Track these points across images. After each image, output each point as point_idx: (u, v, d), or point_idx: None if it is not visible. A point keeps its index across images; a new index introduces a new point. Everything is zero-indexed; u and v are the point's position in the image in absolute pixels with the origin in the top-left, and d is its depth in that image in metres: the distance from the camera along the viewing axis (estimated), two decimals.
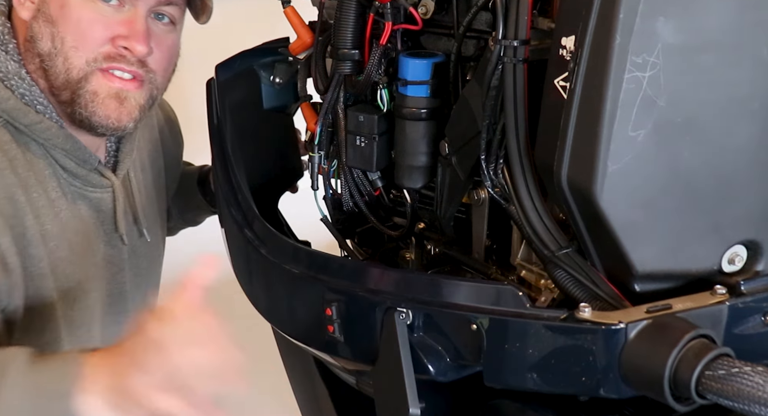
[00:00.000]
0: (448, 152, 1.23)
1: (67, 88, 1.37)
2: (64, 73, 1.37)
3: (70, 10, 1.36)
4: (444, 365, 1.11)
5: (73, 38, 1.36)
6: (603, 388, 0.98)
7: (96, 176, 1.46)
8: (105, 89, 1.38)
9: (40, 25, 1.37)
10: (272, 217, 1.55)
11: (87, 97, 1.38)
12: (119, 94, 1.39)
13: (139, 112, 1.42)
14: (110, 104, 1.39)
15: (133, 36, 1.37)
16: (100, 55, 1.37)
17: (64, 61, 1.36)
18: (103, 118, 1.39)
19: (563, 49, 1.01)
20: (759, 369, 0.88)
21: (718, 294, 1.03)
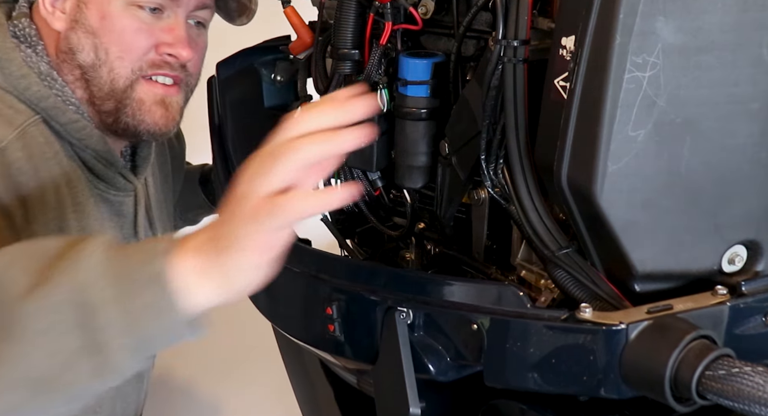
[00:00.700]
0: (448, 152, 1.23)
1: (112, 97, 1.38)
2: (109, 84, 1.37)
3: (111, 20, 1.36)
4: (444, 365, 1.11)
5: (118, 48, 1.36)
6: (603, 389, 0.98)
7: (120, 179, 1.47)
8: (150, 96, 1.39)
9: (80, 36, 1.37)
10: None
11: (134, 106, 1.39)
12: (164, 100, 1.40)
13: (180, 115, 1.44)
14: (157, 111, 1.40)
15: (177, 42, 1.38)
16: (145, 64, 1.38)
17: (110, 72, 1.37)
18: (152, 124, 1.40)
19: (563, 49, 1.01)
20: (759, 369, 0.88)
21: (719, 295, 1.03)
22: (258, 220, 0.86)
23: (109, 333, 0.85)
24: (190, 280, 0.88)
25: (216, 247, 0.88)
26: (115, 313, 0.85)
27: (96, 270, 0.86)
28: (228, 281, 0.88)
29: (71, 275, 0.86)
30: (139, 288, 0.86)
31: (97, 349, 0.85)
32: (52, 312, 0.85)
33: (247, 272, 0.88)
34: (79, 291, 0.85)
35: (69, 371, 0.85)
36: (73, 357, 0.85)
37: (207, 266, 0.88)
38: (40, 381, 0.85)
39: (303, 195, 0.86)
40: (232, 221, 0.88)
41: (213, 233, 0.89)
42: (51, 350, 0.85)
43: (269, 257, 0.89)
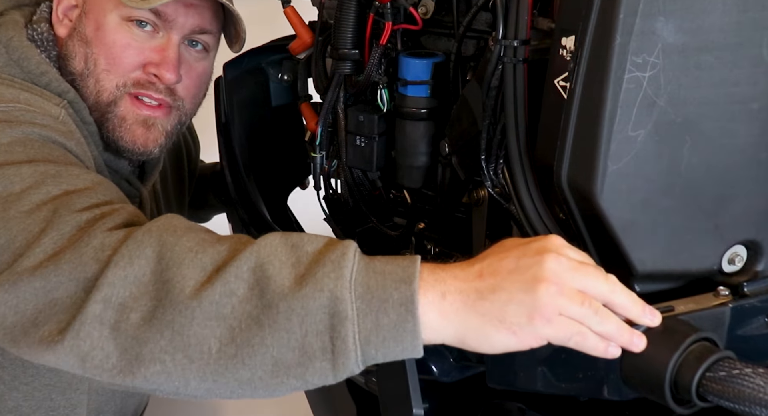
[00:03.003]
0: (448, 152, 1.23)
1: (96, 109, 1.38)
2: (94, 95, 1.37)
3: (105, 32, 1.36)
4: (447, 365, 1.12)
5: (106, 61, 1.36)
6: (605, 390, 0.98)
7: (125, 185, 1.47)
8: (132, 115, 1.38)
9: (75, 44, 1.38)
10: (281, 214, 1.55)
11: (115, 121, 1.38)
12: (147, 120, 1.40)
13: (165, 138, 1.43)
14: (137, 130, 1.39)
15: (164, 64, 1.37)
16: (129, 80, 1.37)
17: (96, 83, 1.37)
18: (130, 143, 1.40)
19: (563, 49, 1.01)
20: (760, 370, 0.88)
21: (721, 296, 1.02)
22: (550, 325, 0.88)
23: (349, 343, 0.90)
24: (436, 320, 0.90)
25: (478, 310, 0.90)
26: (359, 328, 0.90)
27: (350, 281, 0.91)
28: (468, 340, 0.91)
29: (329, 283, 0.91)
30: (385, 309, 0.90)
31: (334, 355, 0.90)
32: (308, 314, 0.90)
33: (493, 345, 0.90)
34: (334, 301, 0.90)
35: (304, 365, 0.91)
36: (312, 356, 0.90)
37: (458, 318, 0.90)
38: (279, 366, 0.91)
39: (605, 343, 0.90)
40: (512, 295, 0.89)
41: (482, 287, 0.90)
42: (296, 343, 0.90)
43: (522, 347, 0.90)
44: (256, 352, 0.91)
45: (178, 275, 0.93)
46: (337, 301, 0.90)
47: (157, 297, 0.93)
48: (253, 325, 0.91)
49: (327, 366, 0.91)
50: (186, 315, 0.91)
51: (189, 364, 0.92)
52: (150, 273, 0.94)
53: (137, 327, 0.93)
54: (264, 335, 0.90)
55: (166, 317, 0.92)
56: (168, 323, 0.92)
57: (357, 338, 0.90)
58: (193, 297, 0.92)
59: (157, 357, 0.92)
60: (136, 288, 0.94)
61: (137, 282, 0.94)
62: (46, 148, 1.18)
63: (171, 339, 0.92)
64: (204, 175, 1.90)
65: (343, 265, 0.92)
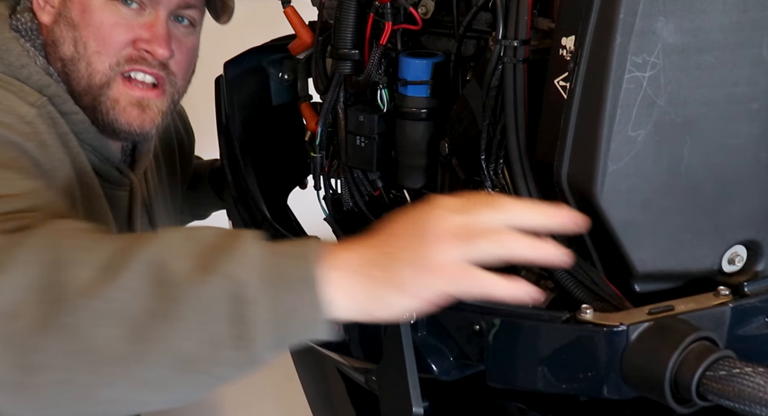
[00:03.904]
0: (448, 152, 1.23)
1: (88, 93, 1.38)
2: (86, 78, 1.37)
3: (91, 14, 1.36)
4: (447, 364, 1.11)
5: (96, 43, 1.36)
6: (604, 389, 0.98)
7: (116, 173, 1.47)
8: (126, 97, 1.38)
9: (62, 29, 1.38)
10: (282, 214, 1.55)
11: (108, 104, 1.38)
12: (140, 102, 1.39)
13: (161, 118, 1.43)
14: (132, 112, 1.39)
15: (155, 39, 1.37)
16: (122, 59, 1.37)
17: (87, 66, 1.37)
18: (125, 125, 1.39)
19: (563, 49, 1.01)
20: (760, 369, 0.88)
21: (722, 296, 1.02)
22: (436, 276, 0.88)
23: (255, 327, 0.87)
24: (337, 294, 0.89)
25: (373, 277, 0.90)
26: (266, 311, 0.88)
27: (252, 267, 0.89)
28: (370, 309, 0.90)
29: (230, 267, 0.88)
30: (291, 290, 0.88)
31: (241, 341, 0.87)
32: (210, 302, 0.87)
33: (392, 309, 0.90)
34: (237, 285, 0.87)
35: (213, 357, 0.88)
36: (220, 345, 0.87)
37: (358, 290, 0.89)
38: (186, 361, 0.87)
39: (497, 278, 0.88)
40: (401, 258, 0.89)
41: (374, 258, 0.90)
42: (203, 336, 0.87)
43: (420, 305, 0.90)
44: (158, 348, 0.86)
45: (69, 275, 0.89)
46: (240, 285, 0.87)
47: (48, 301, 0.87)
48: (154, 319, 0.86)
49: (235, 355, 0.87)
50: (80, 316, 0.86)
51: (87, 369, 0.87)
52: (37, 277, 0.89)
53: (26, 334, 0.86)
54: (166, 328, 0.86)
55: (59, 320, 0.86)
56: (61, 326, 0.86)
57: (262, 320, 0.87)
58: (87, 296, 0.87)
59: (51, 363, 0.86)
60: (22, 294, 0.88)
61: (22, 287, 0.88)
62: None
63: (65, 343, 0.86)
64: (202, 172, 1.90)
65: (242, 250, 0.89)
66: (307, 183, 1.70)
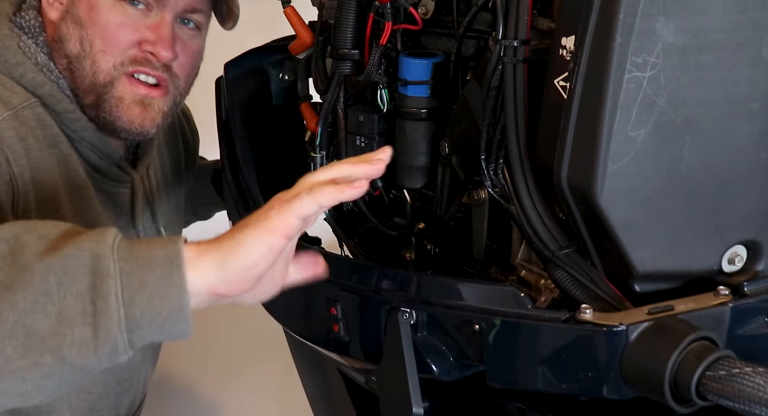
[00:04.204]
0: (448, 152, 1.23)
1: (92, 91, 1.39)
2: (91, 76, 1.38)
3: (98, 12, 1.37)
4: (447, 364, 1.12)
5: (101, 42, 1.37)
6: (604, 389, 0.98)
7: (116, 171, 1.48)
8: (130, 95, 1.39)
9: (69, 26, 1.38)
10: None
11: (112, 102, 1.39)
12: (143, 100, 1.40)
13: (162, 118, 1.44)
14: (134, 110, 1.40)
15: (160, 41, 1.38)
16: (126, 59, 1.38)
17: (92, 65, 1.37)
18: (127, 123, 1.40)
19: (563, 49, 1.01)
20: (760, 369, 0.88)
21: (721, 296, 1.02)
22: (267, 217, 0.93)
23: (111, 302, 0.86)
24: (195, 272, 0.91)
25: (221, 241, 0.94)
26: (123, 286, 0.87)
27: (112, 245, 0.89)
28: (226, 271, 0.92)
29: (89, 245, 0.89)
30: (150, 265, 0.89)
31: (95, 317, 0.86)
32: (64, 274, 0.86)
33: (244, 264, 0.93)
34: (96, 259, 0.87)
35: (62, 334, 0.86)
36: (71, 321, 0.86)
37: (211, 257, 0.92)
38: (32, 338, 0.85)
39: (318, 187, 0.94)
40: (241, 223, 0.95)
41: (225, 234, 0.96)
42: (53, 308, 0.86)
43: (268, 258, 0.93)
44: (5, 320, 0.84)
45: None
46: (99, 259, 0.86)
47: None
48: (4, 292, 0.85)
49: (87, 333, 0.85)
50: None
51: None
52: None
53: None
54: (16, 300, 0.84)
55: None
56: None
57: (120, 297, 0.86)
58: None
59: None
60: None
61: None
62: None
63: None
64: (205, 172, 1.91)
65: (106, 232, 0.91)
66: None
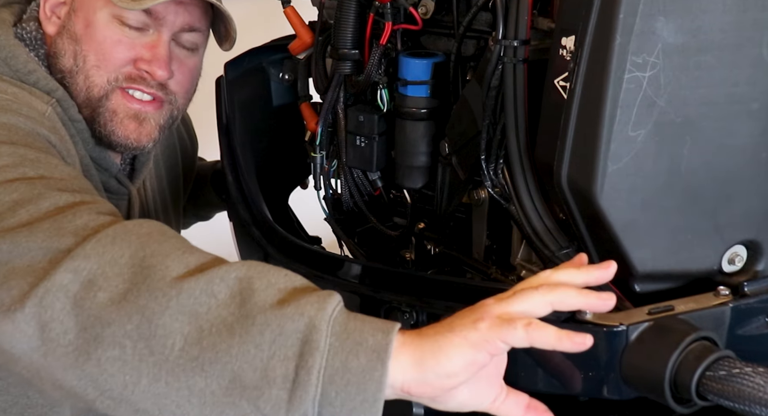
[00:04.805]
0: (448, 152, 1.23)
1: (87, 105, 1.38)
2: (85, 91, 1.38)
3: (94, 29, 1.37)
4: None
5: (96, 57, 1.37)
6: (604, 389, 0.98)
7: (114, 183, 1.47)
8: (123, 109, 1.39)
9: (64, 41, 1.38)
10: (282, 214, 1.55)
11: (106, 116, 1.39)
12: (138, 115, 1.40)
13: (159, 132, 1.44)
14: (129, 125, 1.40)
15: (155, 61, 1.38)
16: (121, 75, 1.38)
17: (86, 80, 1.37)
18: (122, 138, 1.40)
19: (563, 49, 1.01)
20: (760, 369, 0.88)
21: (722, 296, 1.02)
22: (476, 328, 0.88)
23: (312, 376, 0.86)
24: (396, 371, 0.87)
25: (424, 338, 0.89)
26: (327, 363, 0.87)
27: (330, 316, 0.88)
28: (426, 363, 0.88)
29: (310, 310, 0.88)
30: (356, 351, 0.87)
31: (294, 385, 0.86)
32: (279, 334, 0.87)
33: (442, 372, 0.88)
34: (311, 328, 0.87)
35: (261, 389, 0.87)
36: (272, 381, 0.87)
37: (412, 354, 0.88)
38: (236, 382, 0.87)
39: (536, 323, 0.87)
40: (449, 323, 0.90)
41: (431, 328, 0.91)
42: (260, 363, 0.87)
43: (469, 370, 0.88)
44: (219, 360, 0.87)
45: (161, 264, 0.91)
46: (314, 330, 0.87)
47: (133, 281, 0.90)
48: (224, 332, 0.87)
49: (283, 396, 0.86)
50: (160, 303, 0.88)
51: (148, 356, 0.87)
52: (130, 256, 0.92)
53: (103, 307, 0.89)
54: (232, 344, 0.87)
55: (140, 301, 0.89)
56: (139, 308, 0.88)
57: (322, 373, 0.86)
58: (173, 286, 0.89)
59: (118, 341, 0.88)
60: (111, 268, 0.91)
61: (114, 262, 0.91)
62: (30, 137, 1.17)
63: (138, 324, 0.88)
64: (205, 173, 1.90)
65: (328, 301, 0.89)
66: (308, 183, 1.70)
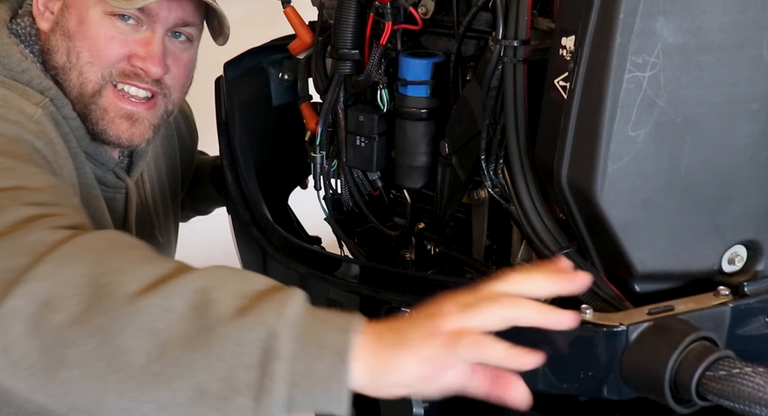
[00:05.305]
0: (448, 152, 1.23)
1: (80, 101, 1.38)
2: (78, 87, 1.37)
3: (88, 26, 1.36)
4: None
5: (89, 54, 1.36)
6: (604, 389, 0.98)
7: (111, 177, 1.47)
8: (115, 108, 1.39)
9: (57, 38, 1.38)
10: (282, 214, 1.55)
11: (98, 114, 1.38)
12: (131, 115, 1.40)
13: (153, 131, 1.43)
14: (121, 125, 1.39)
15: (149, 57, 1.37)
16: (115, 71, 1.37)
17: (79, 76, 1.37)
18: (114, 137, 1.40)
19: (563, 49, 1.01)
20: (760, 369, 0.88)
21: (722, 296, 1.02)
22: (430, 345, 0.89)
23: (276, 383, 0.87)
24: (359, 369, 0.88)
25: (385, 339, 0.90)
26: (290, 369, 0.87)
27: (292, 325, 0.89)
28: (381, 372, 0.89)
29: (270, 318, 0.88)
30: (319, 355, 0.88)
31: (259, 393, 0.87)
32: (244, 345, 0.87)
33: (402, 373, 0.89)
34: (272, 336, 0.87)
35: (227, 399, 0.88)
36: (237, 390, 0.87)
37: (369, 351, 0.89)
38: (202, 394, 0.88)
39: (487, 342, 0.89)
40: (412, 326, 0.91)
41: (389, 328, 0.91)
42: (222, 374, 0.87)
43: (420, 384, 0.90)
44: (182, 374, 0.87)
45: (117, 281, 0.90)
46: (274, 338, 0.87)
47: (90, 301, 0.89)
48: (186, 346, 0.87)
49: (249, 404, 0.87)
50: (119, 323, 0.88)
51: (111, 374, 0.87)
52: (85, 275, 0.91)
53: (62, 329, 0.88)
54: (194, 357, 0.87)
55: (97, 321, 0.88)
56: (98, 328, 0.88)
57: (286, 379, 0.87)
58: (130, 305, 0.88)
59: (79, 361, 0.88)
60: (66, 289, 0.90)
61: (69, 282, 0.90)
62: (13, 144, 1.17)
63: (98, 345, 0.88)
64: (205, 168, 1.90)
65: (288, 305, 0.89)
66: (307, 183, 1.70)
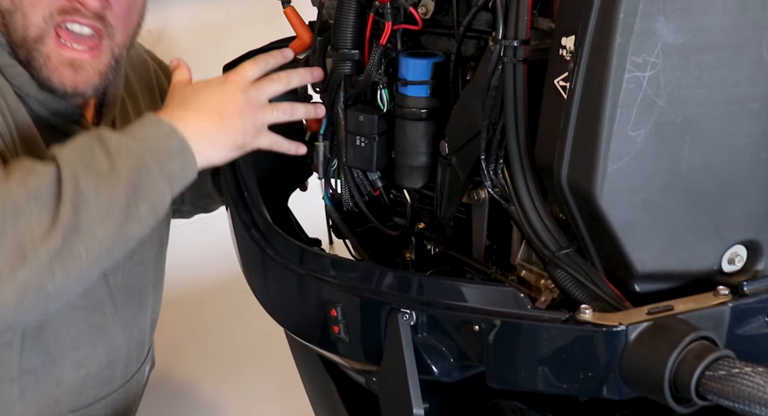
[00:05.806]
0: (448, 152, 1.23)
1: (23, 46, 1.38)
2: (22, 30, 1.37)
3: None
4: (447, 365, 1.12)
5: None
6: (604, 389, 0.98)
7: (76, 128, 1.46)
8: (56, 55, 1.38)
9: None
10: (282, 215, 1.55)
11: (41, 60, 1.38)
12: (73, 63, 1.39)
13: (100, 77, 1.42)
14: (64, 72, 1.39)
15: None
16: (55, 11, 1.36)
17: (23, 18, 1.36)
18: (59, 84, 1.39)
19: (563, 49, 1.01)
20: (759, 369, 0.88)
21: (721, 295, 1.02)
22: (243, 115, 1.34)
23: (155, 181, 1.22)
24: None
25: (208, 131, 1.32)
26: (158, 174, 1.23)
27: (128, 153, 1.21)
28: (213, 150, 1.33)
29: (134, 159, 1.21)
30: (172, 156, 1.25)
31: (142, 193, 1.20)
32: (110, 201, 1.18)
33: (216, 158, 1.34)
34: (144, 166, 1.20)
35: (131, 217, 1.20)
36: (131, 208, 1.19)
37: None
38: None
39: (283, 107, 1.38)
40: (202, 90, 1.34)
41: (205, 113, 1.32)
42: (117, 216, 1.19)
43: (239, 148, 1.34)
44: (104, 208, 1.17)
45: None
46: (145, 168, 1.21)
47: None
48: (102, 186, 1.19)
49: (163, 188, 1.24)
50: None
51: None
52: None
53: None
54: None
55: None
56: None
57: (159, 178, 1.22)
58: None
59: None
60: None
61: None
62: None
63: None
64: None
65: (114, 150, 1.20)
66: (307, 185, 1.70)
